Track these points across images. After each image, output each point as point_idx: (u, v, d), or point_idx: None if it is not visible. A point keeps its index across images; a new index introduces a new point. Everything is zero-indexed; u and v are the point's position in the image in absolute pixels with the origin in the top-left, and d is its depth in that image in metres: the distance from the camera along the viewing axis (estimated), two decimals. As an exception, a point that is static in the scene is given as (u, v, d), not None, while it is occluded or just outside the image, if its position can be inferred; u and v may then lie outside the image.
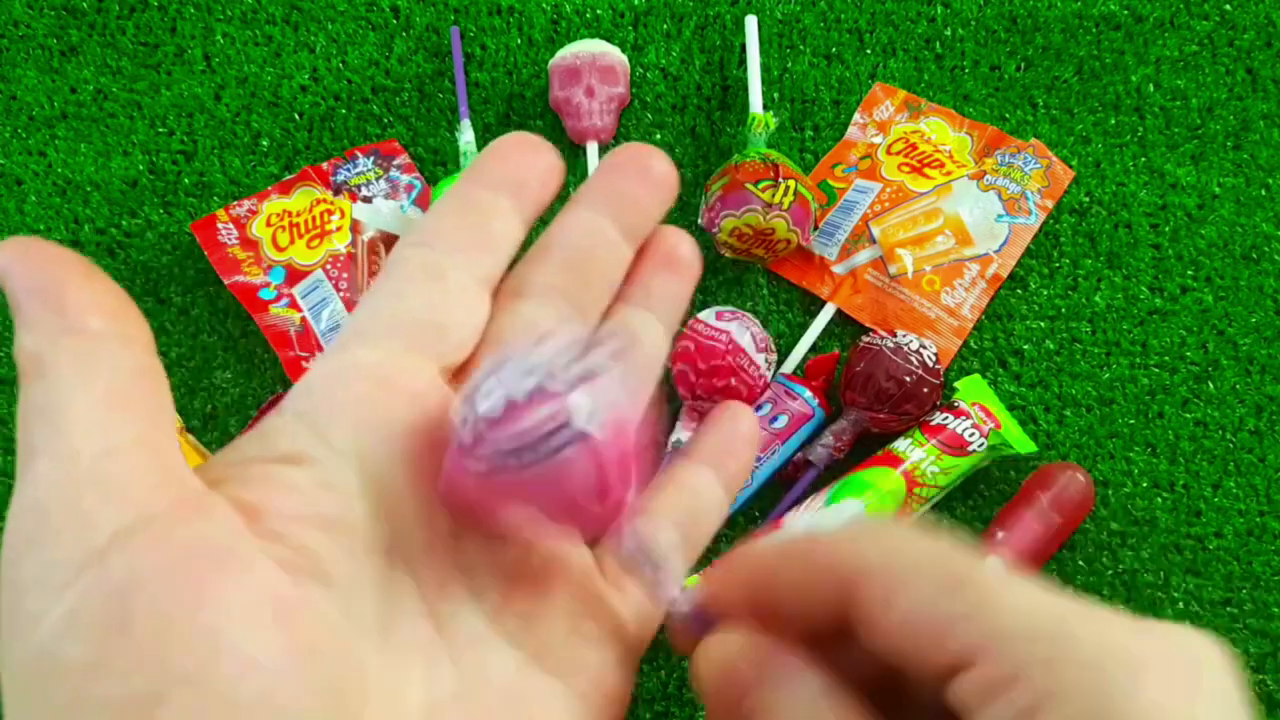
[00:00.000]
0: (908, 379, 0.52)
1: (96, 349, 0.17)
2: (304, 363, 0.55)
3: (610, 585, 0.22)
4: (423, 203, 0.59)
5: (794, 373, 0.56)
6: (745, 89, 0.60)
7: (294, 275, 0.57)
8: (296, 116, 0.62)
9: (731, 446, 0.25)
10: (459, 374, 0.22)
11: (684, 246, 0.24)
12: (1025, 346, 0.57)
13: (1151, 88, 0.62)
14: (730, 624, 0.19)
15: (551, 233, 0.23)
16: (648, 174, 0.23)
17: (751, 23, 0.61)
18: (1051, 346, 0.57)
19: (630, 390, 0.19)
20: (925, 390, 0.52)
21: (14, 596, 0.15)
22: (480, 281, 0.22)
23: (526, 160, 0.22)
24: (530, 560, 0.21)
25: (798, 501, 0.53)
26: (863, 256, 0.58)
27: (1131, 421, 0.56)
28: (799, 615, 0.19)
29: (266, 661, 0.16)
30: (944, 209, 0.58)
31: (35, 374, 0.17)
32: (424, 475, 0.20)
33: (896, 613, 0.17)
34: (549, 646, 0.20)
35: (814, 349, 0.57)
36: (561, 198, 0.23)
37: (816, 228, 0.59)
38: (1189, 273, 0.59)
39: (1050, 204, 0.59)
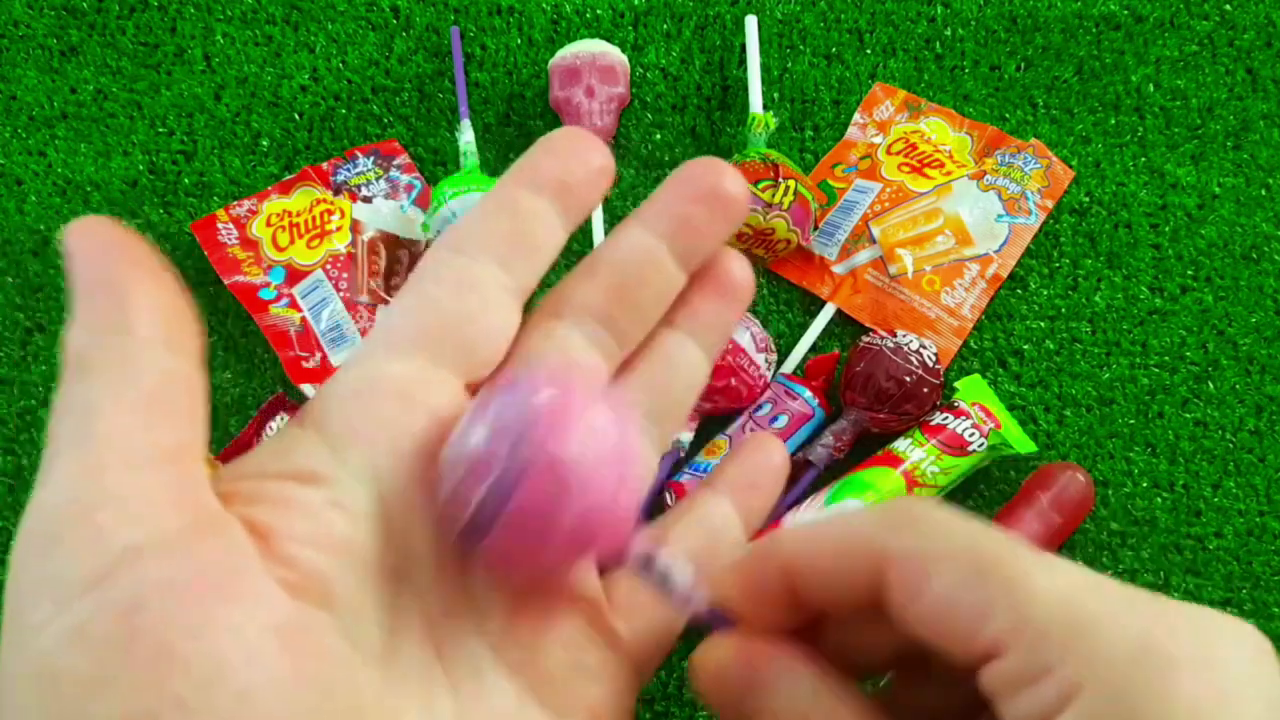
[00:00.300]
0: (908, 379, 0.52)
1: (142, 355, 0.17)
2: (304, 363, 0.55)
3: (617, 617, 0.22)
4: (422, 203, 0.60)
5: (794, 373, 0.56)
6: (745, 89, 0.60)
7: (294, 275, 0.57)
8: (296, 116, 0.62)
9: (757, 480, 0.24)
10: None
11: (739, 271, 0.23)
12: (1025, 346, 0.57)
13: (1151, 88, 0.62)
14: (745, 619, 0.20)
15: (602, 251, 0.22)
16: (716, 195, 0.22)
17: (751, 23, 0.61)
18: (1051, 346, 0.57)
19: (600, 416, 0.18)
20: (925, 390, 0.52)
21: (19, 604, 0.15)
22: (514, 293, 0.21)
23: (576, 159, 0.21)
24: (536, 590, 0.21)
25: (798, 501, 0.53)
26: (863, 256, 0.58)
27: (1131, 421, 0.56)
28: (831, 599, 0.18)
29: (265, 691, 0.16)
30: (944, 209, 0.58)
31: (78, 371, 0.17)
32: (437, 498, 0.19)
33: (926, 599, 0.17)
34: (549, 679, 0.20)
35: (814, 349, 0.57)
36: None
37: (816, 228, 0.59)
38: (1189, 273, 0.59)
39: (1050, 204, 0.59)
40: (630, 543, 0.19)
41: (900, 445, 0.52)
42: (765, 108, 0.60)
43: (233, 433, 0.55)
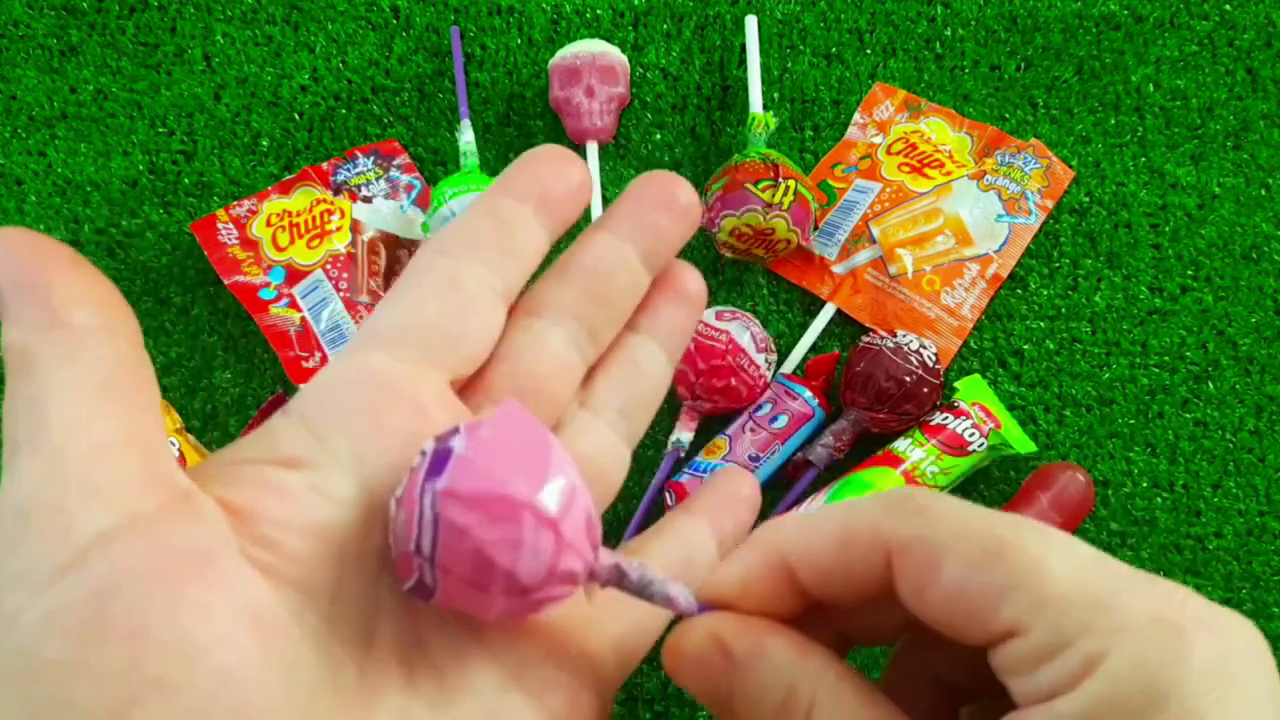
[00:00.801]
0: (908, 379, 0.52)
1: (82, 343, 0.17)
2: (304, 363, 0.55)
3: (597, 609, 0.22)
4: (422, 203, 0.60)
5: (794, 373, 0.56)
6: (745, 89, 0.60)
7: (294, 275, 0.57)
8: (296, 116, 0.62)
9: (730, 507, 0.25)
10: (468, 386, 0.22)
11: (693, 282, 0.25)
12: (1025, 346, 0.57)
13: (1151, 88, 0.62)
14: (740, 612, 0.20)
15: (573, 254, 0.23)
16: (673, 203, 0.23)
17: (751, 23, 0.61)
18: (1051, 346, 0.57)
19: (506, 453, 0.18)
20: (925, 390, 0.52)
21: None
22: (498, 294, 0.22)
23: (556, 174, 0.22)
24: (508, 623, 0.21)
25: (798, 501, 0.53)
26: (863, 256, 0.58)
27: (1131, 421, 0.56)
28: (834, 590, 0.19)
29: (241, 673, 0.16)
30: (944, 209, 0.58)
31: (21, 368, 0.17)
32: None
33: (939, 586, 0.17)
34: (529, 665, 0.20)
35: (814, 349, 0.57)
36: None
37: (816, 228, 0.59)
38: (1189, 273, 0.59)
39: (1050, 204, 0.59)
40: (595, 564, 0.19)
41: (900, 445, 0.52)
42: (765, 108, 0.60)
43: (233, 433, 0.55)
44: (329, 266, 0.57)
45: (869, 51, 0.64)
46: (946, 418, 0.52)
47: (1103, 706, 0.15)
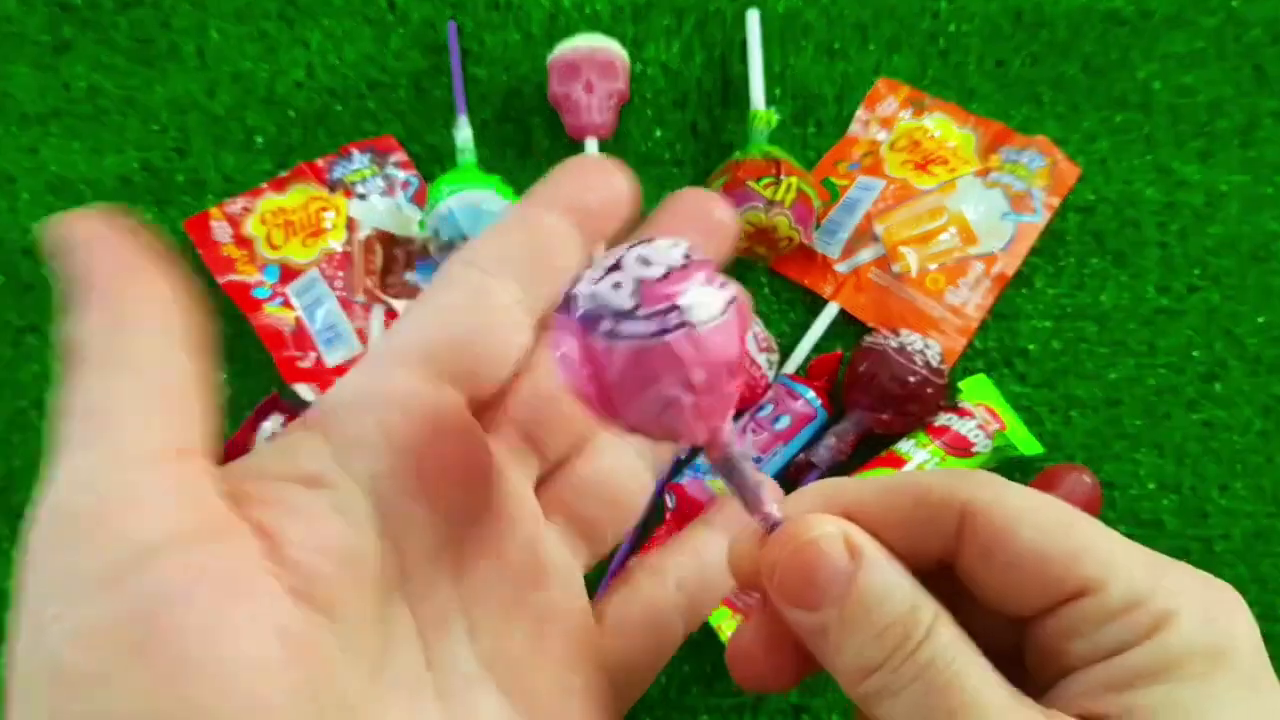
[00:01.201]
0: (911, 379, 0.51)
1: (147, 351, 0.17)
2: (298, 363, 0.54)
3: (607, 639, 0.22)
4: (419, 200, 0.59)
5: (797, 373, 0.55)
6: (747, 85, 0.60)
7: (288, 274, 0.56)
8: (291, 113, 0.61)
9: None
10: (490, 405, 0.21)
11: None
12: (1031, 346, 0.57)
13: (1158, 84, 0.62)
14: None
15: None
16: (707, 220, 0.23)
17: (753, 17, 0.60)
18: (1057, 346, 0.57)
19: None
20: (929, 391, 0.51)
21: (34, 601, 0.15)
22: (528, 310, 0.21)
23: (596, 185, 0.22)
24: (530, 602, 0.21)
25: (800, 504, 0.52)
26: (866, 255, 0.57)
27: (1138, 422, 0.55)
28: (893, 549, 0.18)
29: (271, 700, 0.15)
30: (948, 206, 0.58)
31: (81, 365, 0.16)
32: (437, 507, 0.19)
33: (1014, 549, 0.17)
34: (537, 695, 0.20)
35: (817, 348, 0.56)
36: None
37: (819, 225, 0.58)
38: (1196, 271, 0.58)
39: (1056, 201, 0.58)
40: (723, 427, 0.19)
41: (904, 446, 0.51)
42: (767, 104, 0.59)
43: (226, 434, 0.55)
44: (324, 265, 0.56)
45: (872, 47, 0.63)
46: (951, 418, 0.52)
47: (1173, 659, 0.16)
